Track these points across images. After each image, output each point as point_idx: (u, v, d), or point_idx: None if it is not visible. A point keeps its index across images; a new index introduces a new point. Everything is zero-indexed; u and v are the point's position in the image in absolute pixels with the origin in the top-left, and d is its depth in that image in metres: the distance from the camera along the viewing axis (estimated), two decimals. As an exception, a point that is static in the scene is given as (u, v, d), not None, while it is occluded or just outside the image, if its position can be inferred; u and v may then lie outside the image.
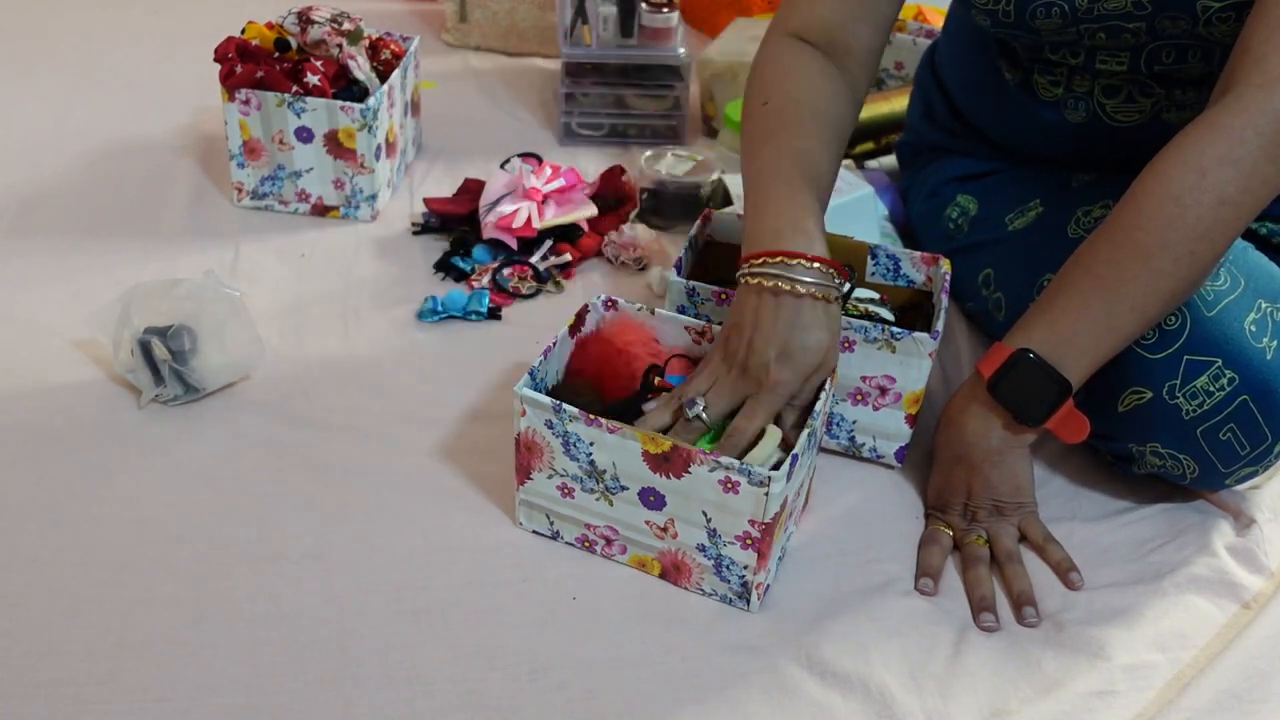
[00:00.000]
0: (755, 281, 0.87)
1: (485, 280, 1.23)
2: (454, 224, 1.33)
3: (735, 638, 0.86)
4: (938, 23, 1.65)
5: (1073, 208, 1.07)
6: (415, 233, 1.33)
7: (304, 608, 0.86)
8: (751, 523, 0.83)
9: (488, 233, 1.27)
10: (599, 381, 0.94)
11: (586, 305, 0.98)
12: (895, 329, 0.96)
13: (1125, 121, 1.04)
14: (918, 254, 1.07)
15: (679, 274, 1.04)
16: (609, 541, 0.91)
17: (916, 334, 0.96)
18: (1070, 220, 1.06)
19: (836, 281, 0.88)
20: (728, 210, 1.17)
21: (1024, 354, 0.89)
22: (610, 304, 0.98)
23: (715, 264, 1.13)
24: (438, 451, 1.02)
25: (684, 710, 0.81)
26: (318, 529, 0.93)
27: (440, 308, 1.19)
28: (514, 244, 1.26)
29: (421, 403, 1.07)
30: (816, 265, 0.86)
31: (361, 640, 0.84)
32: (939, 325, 0.98)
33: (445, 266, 1.26)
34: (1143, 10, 0.97)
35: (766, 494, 0.81)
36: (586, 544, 0.92)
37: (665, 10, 1.51)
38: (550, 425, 0.87)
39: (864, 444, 1.03)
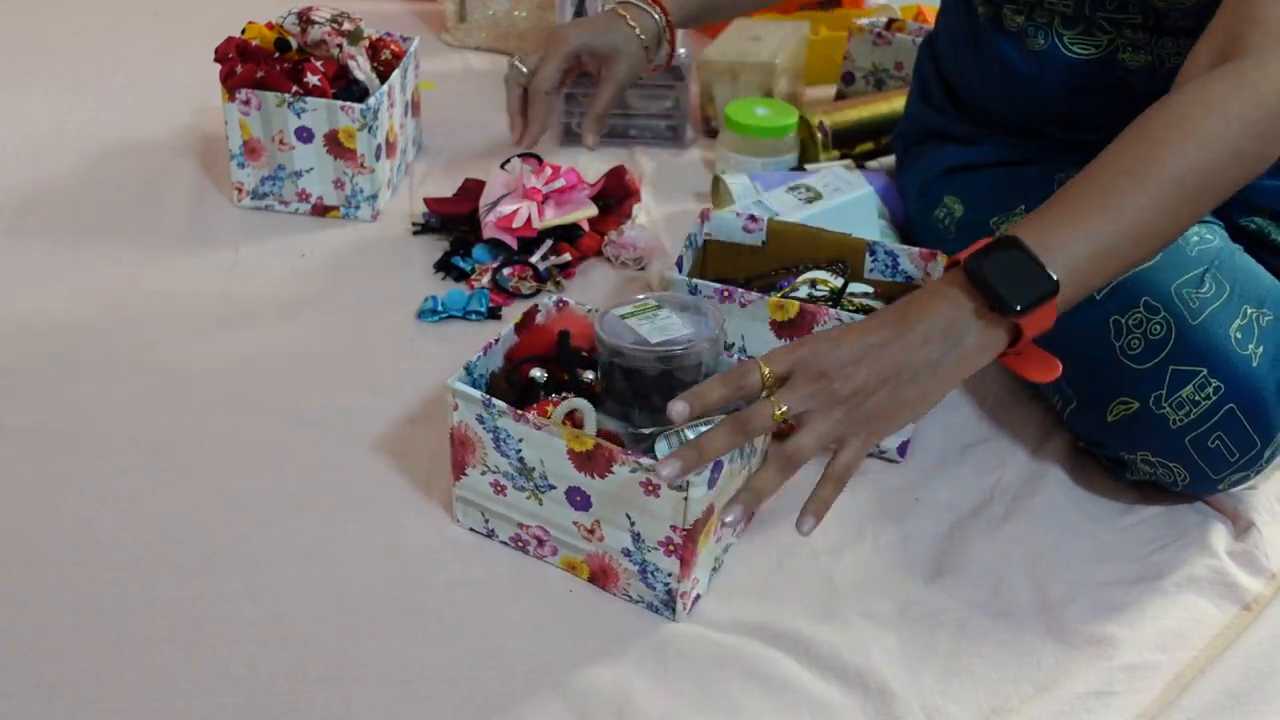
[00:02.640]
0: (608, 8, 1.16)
1: (485, 280, 1.23)
2: (454, 224, 1.33)
3: (734, 635, 0.86)
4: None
5: None
6: (415, 233, 1.33)
7: (304, 608, 0.86)
8: (673, 528, 0.82)
9: (488, 233, 1.27)
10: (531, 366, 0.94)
11: (536, 306, 0.98)
12: None
13: (1083, 54, 1.05)
14: (915, 250, 1.08)
15: (680, 272, 1.04)
16: (540, 542, 0.90)
17: None
18: None
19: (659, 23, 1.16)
20: (727, 209, 1.17)
21: (1012, 240, 0.78)
22: (561, 304, 0.99)
23: (715, 263, 1.13)
24: (439, 452, 1.02)
25: (683, 707, 0.81)
26: (318, 528, 0.93)
27: (440, 308, 1.19)
28: (514, 244, 1.26)
29: (422, 403, 1.07)
30: (658, 9, 1.16)
31: (361, 640, 0.84)
32: None
33: (445, 266, 1.26)
34: None
35: (686, 499, 0.80)
36: (520, 544, 0.92)
37: (665, 10, 1.51)
38: (481, 420, 0.86)
39: None
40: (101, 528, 0.92)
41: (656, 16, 1.21)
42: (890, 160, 1.45)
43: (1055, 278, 0.76)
